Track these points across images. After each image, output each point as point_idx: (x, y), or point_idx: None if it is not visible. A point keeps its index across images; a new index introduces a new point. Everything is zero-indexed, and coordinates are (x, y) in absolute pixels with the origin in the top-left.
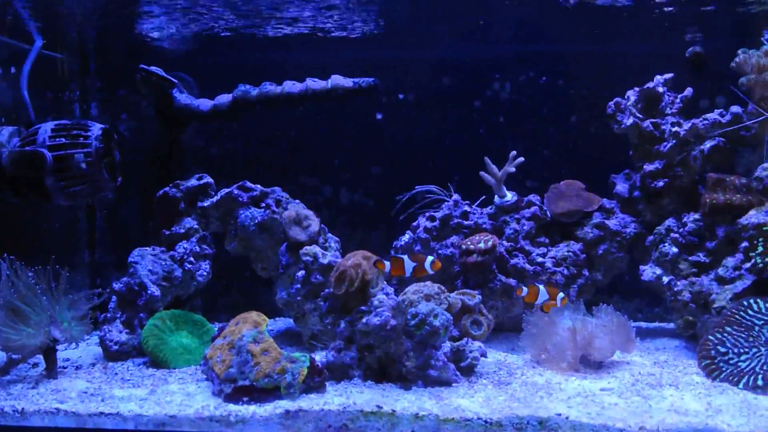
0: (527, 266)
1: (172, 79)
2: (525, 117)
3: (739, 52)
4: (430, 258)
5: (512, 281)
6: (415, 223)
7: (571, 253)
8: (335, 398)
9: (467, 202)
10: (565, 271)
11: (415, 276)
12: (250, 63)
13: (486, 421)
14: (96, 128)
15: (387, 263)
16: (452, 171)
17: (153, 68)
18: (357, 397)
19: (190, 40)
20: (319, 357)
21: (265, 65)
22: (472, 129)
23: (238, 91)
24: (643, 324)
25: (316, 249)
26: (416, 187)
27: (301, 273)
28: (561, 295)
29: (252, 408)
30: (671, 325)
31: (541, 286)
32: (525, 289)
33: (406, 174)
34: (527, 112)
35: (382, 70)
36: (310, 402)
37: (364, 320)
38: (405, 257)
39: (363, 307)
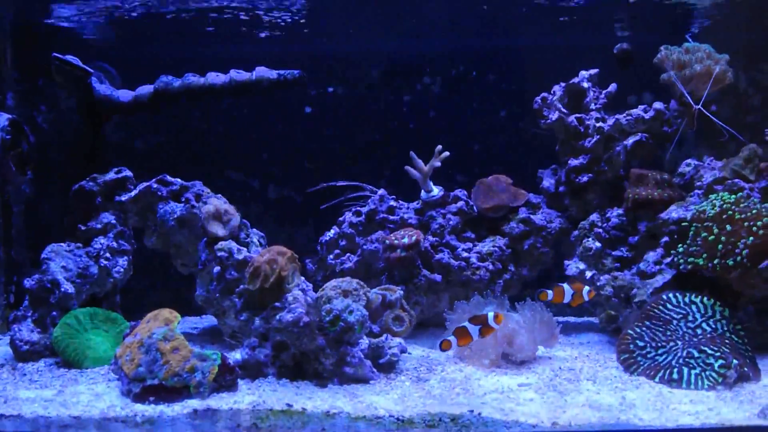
0: (452, 261)
1: (88, 68)
2: (456, 111)
3: (661, 48)
4: (586, 288)
5: (437, 276)
6: (341, 219)
7: (496, 248)
8: (247, 397)
9: (393, 197)
10: (491, 267)
11: (481, 336)
12: (175, 54)
13: (398, 419)
14: (2, 118)
15: (550, 292)
16: (382, 165)
17: (68, 57)
18: (269, 396)
19: (111, 28)
20: (239, 355)
21: (192, 57)
22: (402, 123)
23: (160, 82)
24: (572, 319)
25: (231, 244)
26: (337, 182)
27: (216, 269)
28: (587, 288)
29: (160, 408)
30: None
31: (565, 285)
32: (549, 292)
33: (335, 168)
34: (458, 106)
35: (311, 63)
36: (220, 401)
37: (277, 317)
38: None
39: (278, 304)
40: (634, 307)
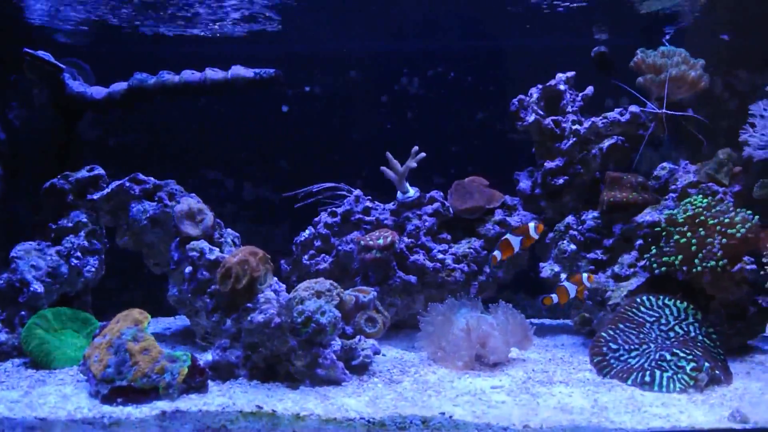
0: (427, 263)
1: (60, 64)
2: (433, 112)
3: (638, 51)
4: (532, 224)
5: (412, 278)
6: (316, 219)
7: (472, 250)
8: (217, 398)
9: (369, 197)
10: (466, 268)
11: (523, 248)
12: (150, 52)
13: (369, 421)
14: None
15: (553, 296)
16: (360, 166)
17: (40, 53)
18: (240, 398)
19: (87, 25)
20: (211, 356)
21: (170, 55)
22: (380, 124)
23: (134, 79)
24: (547, 321)
25: (203, 244)
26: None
27: (188, 269)
28: (585, 275)
29: (128, 409)
30: None
31: (565, 283)
32: (554, 296)
33: (312, 169)
34: (436, 107)
35: (289, 62)
36: (189, 402)
37: (249, 318)
38: (508, 235)
39: (249, 305)
40: (608, 309)
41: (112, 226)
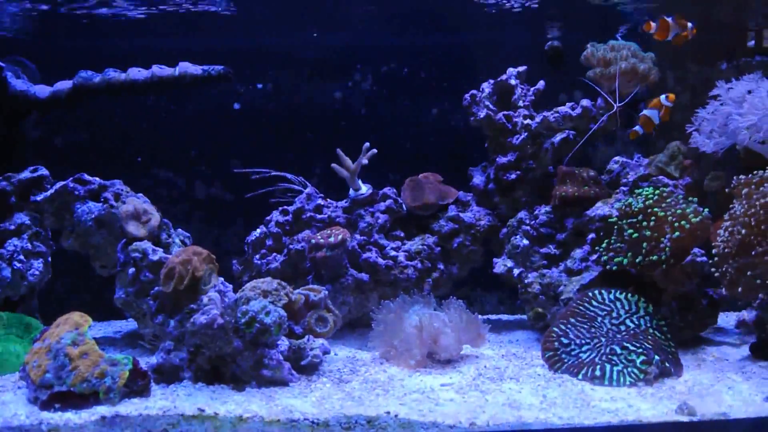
0: (380, 260)
1: (1, 62)
2: (388, 109)
3: (588, 45)
4: (662, 96)
5: (364, 276)
6: (268, 217)
7: (425, 247)
8: (159, 402)
9: (321, 195)
10: (419, 265)
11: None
12: (97, 48)
13: (313, 422)
14: None
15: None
16: (313, 164)
17: None
18: (183, 401)
19: (28, 20)
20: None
21: (119, 51)
22: (334, 120)
23: (79, 77)
24: (504, 316)
25: (145, 245)
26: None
27: (131, 270)
28: (663, 96)
29: (67, 415)
30: None
31: (645, 111)
32: (638, 128)
33: (265, 166)
34: (390, 103)
35: (241, 58)
36: (130, 407)
37: (191, 319)
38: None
39: (193, 306)
40: (561, 304)
41: (57, 228)
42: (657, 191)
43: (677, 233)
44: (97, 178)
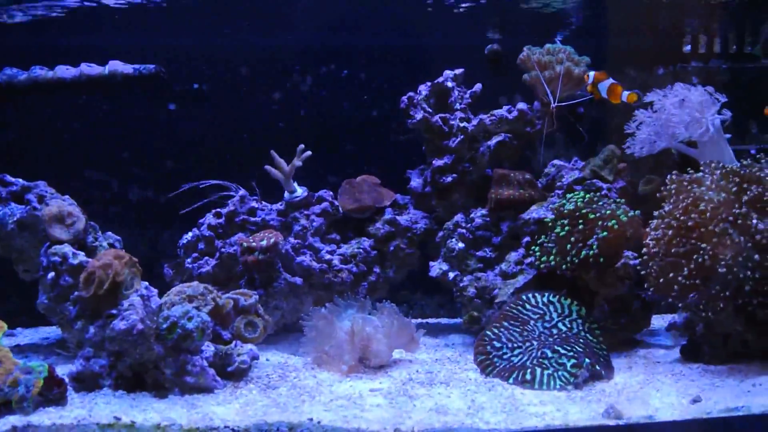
0: (314, 264)
1: None
2: (327, 110)
3: (524, 48)
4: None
5: (297, 280)
6: (201, 220)
7: (361, 250)
8: (75, 411)
9: (255, 197)
10: (354, 269)
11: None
12: (24, 44)
13: (233, 429)
14: None
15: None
16: (251, 165)
17: None
18: (101, 409)
19: None
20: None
21: (43, 47)
22: (271, 122)
23: (3, 75)
24: (443, 320)
25: (65, 248)
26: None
27: (51, 275)
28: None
29: None
30: None
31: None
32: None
33: (201, 169)
34: (329, 105)
35: (177, 57)
36: (44, 416)
37: (111, 325)
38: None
39: (113, 311)
40: (495, 307)
41: None
42: (588, 195)
43: (605, 233)
44: (20, 180)
